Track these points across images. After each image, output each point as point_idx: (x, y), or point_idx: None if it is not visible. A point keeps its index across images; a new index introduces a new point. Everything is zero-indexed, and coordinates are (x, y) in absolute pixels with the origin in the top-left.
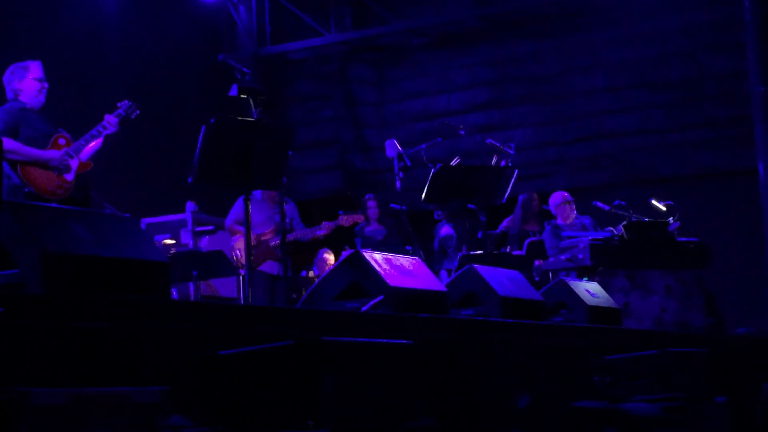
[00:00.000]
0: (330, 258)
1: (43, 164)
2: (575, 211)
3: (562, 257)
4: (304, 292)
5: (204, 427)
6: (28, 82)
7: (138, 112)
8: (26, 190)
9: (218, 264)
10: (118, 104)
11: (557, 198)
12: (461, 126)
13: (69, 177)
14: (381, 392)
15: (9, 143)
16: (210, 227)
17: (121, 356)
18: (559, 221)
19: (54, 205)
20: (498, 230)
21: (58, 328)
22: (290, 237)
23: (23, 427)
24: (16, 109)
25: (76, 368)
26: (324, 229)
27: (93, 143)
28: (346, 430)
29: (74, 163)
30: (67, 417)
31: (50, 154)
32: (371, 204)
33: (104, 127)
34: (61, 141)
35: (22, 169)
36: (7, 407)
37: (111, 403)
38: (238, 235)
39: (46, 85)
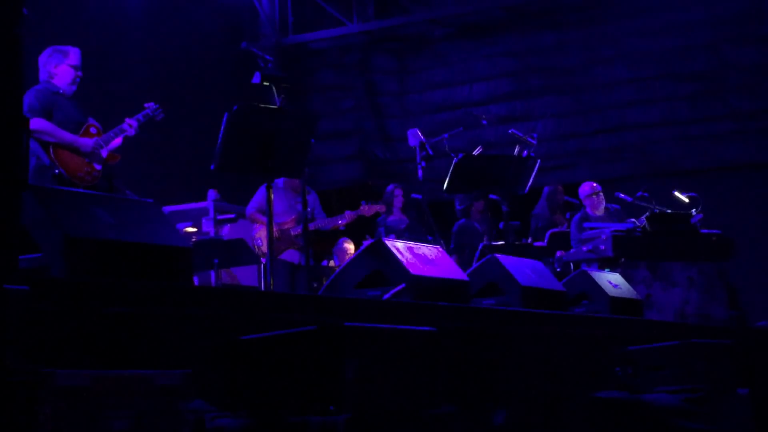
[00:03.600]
0: (350, 247)
1: (76, 149)
2: (604, 202)
3: (584, 248)
4: (325, 282)
5: (225, 411)
6: (64, 69)
7: (163, 115)
8: (56, 171)
9: (239, 252)
10: (145, 105)
11: (586, 189)
12: (484, 116)
13: (98, 166)
14: (402, 379)
15: (44, 124)
16: (231, 215)
17: (143, 340)
18: (588, 211)
19: (77, 189)
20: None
21: (80, 312)
22: (311, 226)
23: (46, 407)
24: (49, 92)
25: (99, 351)
26: (346, 218)
27: (116, 139)
28: (367, 415)
29: (103, 153)
30: (89, 398)
31: (84, 140)
32: (398, 193)
33: (122, 130)
34: (92, 130)
35: (55, 151)
36: (30, 388)
37: (133, 386)
38: (259, 224)
39: (80, 74)
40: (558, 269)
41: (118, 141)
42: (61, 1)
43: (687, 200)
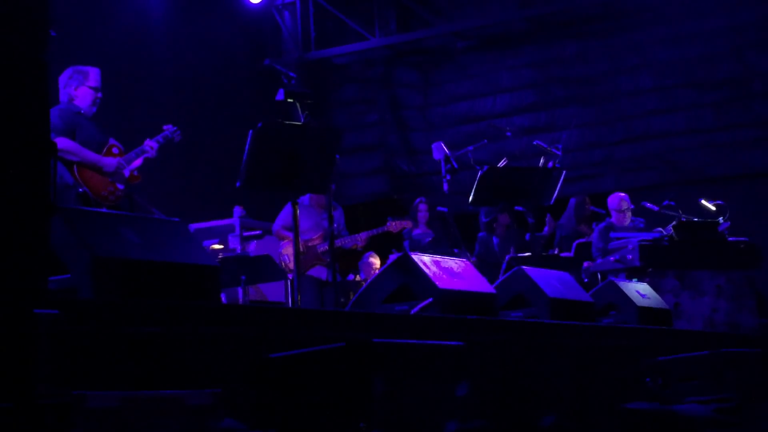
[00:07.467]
0: (375, 261)
1: (99, 169)
2: (630, 216)
3: (611, 258)
4: (352, 296)
5: (255, 429)
6: (84, 90)
7: (181, 137)
8: (80, 190)
9: (266, 268)
10: (164, 127)
11: (615, 200)
12: (508, 128)
13: (120, 185)
14: (432, 394)
15: (68, 143)
16: (258, 232)
17: (173, 359)
18: (613, 221)
19: (104, 210)
20: (544, 232)
21: (110, 332)
22: (336, 243)
23: (78, 429)
24: (72, 112)
25: (129, 371)
26: (361, 241)
27: (137, 160)
28: (397, 431)
29: (125, 173)
30: (120, 420)
31: (107, 160)
32: (422, 207)
33: (143, 151)
34: (115, 150)
35: (78, 170)
36: (62, 410)
37: (164, 406)
38: (286, 241)
39: (100, 94)
40: (585, 280)
41: (138, 162)
42: (83, 20)
43: (714, 208)
